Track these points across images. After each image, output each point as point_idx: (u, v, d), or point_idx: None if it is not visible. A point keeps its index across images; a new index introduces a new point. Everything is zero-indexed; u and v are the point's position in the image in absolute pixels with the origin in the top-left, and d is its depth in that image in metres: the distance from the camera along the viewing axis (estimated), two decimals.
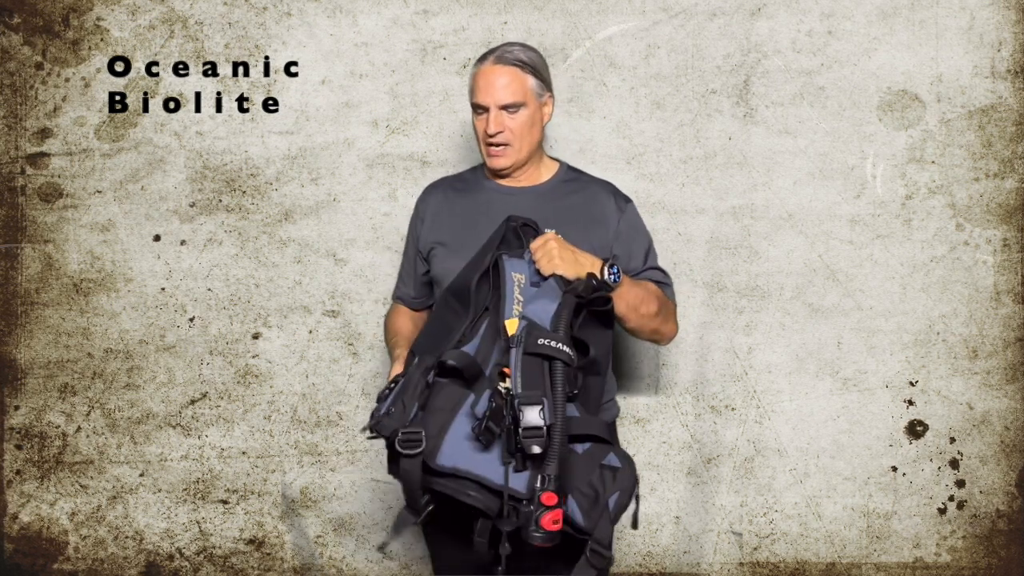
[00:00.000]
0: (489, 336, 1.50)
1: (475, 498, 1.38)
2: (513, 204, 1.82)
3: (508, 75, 1.76)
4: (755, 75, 2.41)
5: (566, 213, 1.82)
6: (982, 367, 2.42)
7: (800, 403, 2.43)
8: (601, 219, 1.83)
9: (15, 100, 2.40)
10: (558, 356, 1.41)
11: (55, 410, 2.42)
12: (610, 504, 1.43)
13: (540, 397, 1.36)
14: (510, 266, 1.55)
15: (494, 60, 1.77)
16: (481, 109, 1.78)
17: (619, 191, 1.90)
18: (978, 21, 2.41)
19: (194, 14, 2.41)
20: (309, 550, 2.44)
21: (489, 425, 1.35)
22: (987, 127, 2.41)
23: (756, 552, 2.44)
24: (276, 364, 2.43)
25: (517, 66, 1.77)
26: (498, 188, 1.86)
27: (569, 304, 1.48)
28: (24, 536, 2.43)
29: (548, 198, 1.84)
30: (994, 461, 2.42)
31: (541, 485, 1.35)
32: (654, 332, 1.79)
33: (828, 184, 2.42)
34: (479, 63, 1.80)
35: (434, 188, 1.95)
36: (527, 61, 1.79)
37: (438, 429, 1.39)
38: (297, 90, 2.42)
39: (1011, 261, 2.41)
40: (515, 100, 1.76)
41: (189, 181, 2.42)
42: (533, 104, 1.79)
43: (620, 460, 1.48)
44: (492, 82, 1.76)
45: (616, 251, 1.82)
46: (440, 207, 1.89)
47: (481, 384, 1.44)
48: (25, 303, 2.42)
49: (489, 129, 1.77)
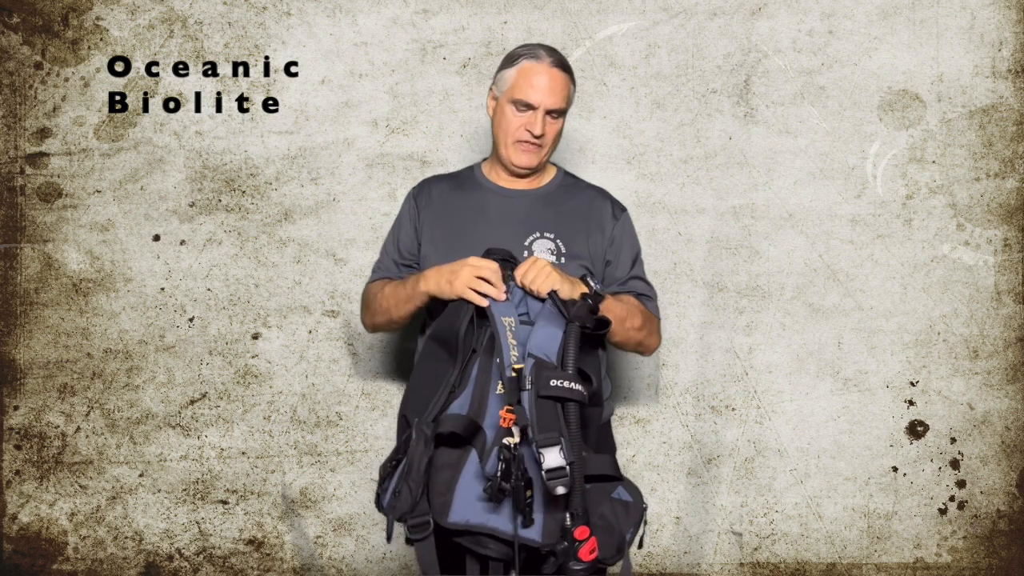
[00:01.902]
0: (482, 381, 1.50)
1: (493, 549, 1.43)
2: (513, 205, 1.82)
3: (562, 81, 1.76)
4: (756, 75, 2.41)
5: (564, 217, 1.82)
6: (983, 367, 2.42)
7: (801, 403, 2.43)
8: (598, 225, 1.83)
9: (14, 100, 2.40)
10: (572, 397, 1.41)
11: (54, 410, 2.42)
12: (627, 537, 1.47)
13: (558, 437, 1.37)
14: (498, 310, 1.53)
15: (552, 62, 1.75)
16: (526, 107, 1.74)
17: (615, 199, 1.90)
18: (979, 21, 2.40)
19: (193, 14, 2.41)
20: (309, 550, 2.44)
21: (501, 485, 1.36)
22: (988, 127, 2.41)
23: (756, 552, 2.43)
24: (276, 364, 2.43)
25: (569, 75, 1.78)
26: (497, 188, 1.85)
27: (575, 335, 1.46)
28: (23, 536, 2.42)
29: (546, 202, 1.84)
30: (995, 461, 2.42)
31: (572, 522, 1.38)
32: (638, 345, 1.80)
33: (829, 184, 2.41)
34: (529, 59, 1.75)
35: (430, 182, 1.92)
36: (571, 69, 1.80)
37: (445, 486, 1.43)
38: (297, 90, 2.42)
39: (1012, 261, 2.41)
40: (562, 107, 1.77)
41: (189, 181, 2.42)
42: (566, 113, 1.81)
43: (630, 494, 1.51)
44: (548, 84, 1.73)
45: (608, 257, 1.83)
46: (439, 202, 1.86)
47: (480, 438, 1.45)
48: (24, 303, 2.41)
49: (535, 130, 1.74)
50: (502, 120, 1.78)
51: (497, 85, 1.80)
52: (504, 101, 1.77)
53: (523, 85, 1.74)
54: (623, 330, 1.72)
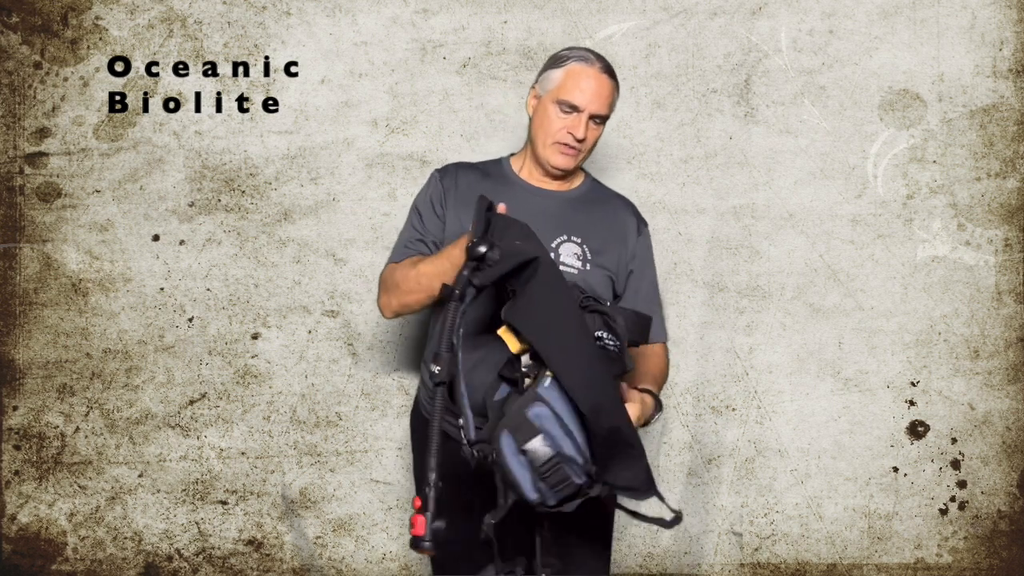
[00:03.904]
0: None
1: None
2: (542, 204, 1.80)
3: (610, 87, 1.76)
4: (756, 74, 2.41)
5: (592, 223, 1.82)
6: (984, 367, 2.41)
7: (801, 403, 2.43)
8: (622, 237, 1.84)
9: (13, 99, 2.40)
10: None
11: (53, 410, 2.41)
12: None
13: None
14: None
15: (602, 68, 1.75)
16: (572, 108, 1.73)
17: (639, 213, 1.92)
18: (979, 20, 2.40)
19: (193, 13, 2.41)
20: (308, 551, 2.44)
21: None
22: (989, 127, 2.40)
23: (757, 553, 2.43)
24: (275, 364, 2.43)
25: (616, 82, 1.78)
26: (527, 186, 1.83)
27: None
28: (23, 537, 2.42)
29: (575, 205, 1.83)
30: (995, 462, 2.42)
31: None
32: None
33: (829, 184, 2.41)
34: (579, 61, 1.74)
35: (457, 168, 1.86)
36: (618, 80, 1.80)
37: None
38: (296, 90, 2.41)
39: (1013, 261, 2.41)
40: (606, 113, 1.77)
41: (188, 181, 2.42)
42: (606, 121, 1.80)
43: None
44: (597, 89, 1.73)
45: (631, 267, 1.84)
46: (465, 189, 1.80)
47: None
48: (23, 303, 2.41)
49: (578, 133, 1.73)
50: (544, 120, 1.76)
51: (541, 84, 1.78)
52: (548, 101, 1.75)
53: (570, 87, 1.72)
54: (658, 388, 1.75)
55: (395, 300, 1.74)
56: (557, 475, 1.30)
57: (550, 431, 1.30)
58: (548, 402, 1.31)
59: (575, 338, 1.34)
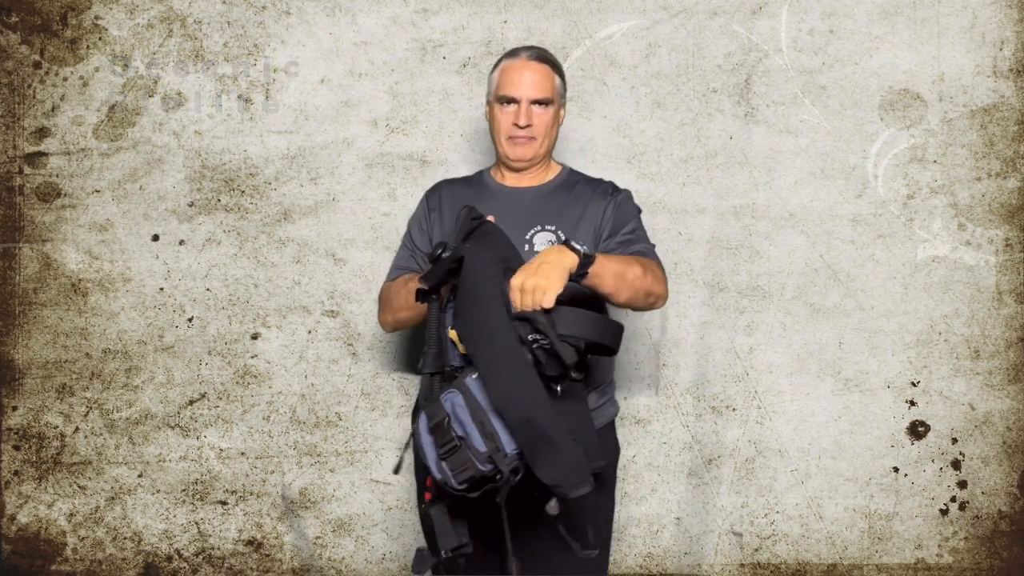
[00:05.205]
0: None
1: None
2: (516, 202, 1.86)
3: (541, 72, 1.83)
4: (756, 74, 2.41)
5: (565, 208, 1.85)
6: (984, 367, 2.41)
7: (801, 404, 2.42)
8: (596, 207, 1.85)
9: (13, 99, 2.40)
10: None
11: (53, 411, 2.41)
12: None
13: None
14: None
15: (528, 56, 1.84)
16: (510, 101, 1.82)
17: (615, 185, 1.92)
18: (980, 20, 2.40)
19: (192, 13, 2.41)
20: (308, 551, 2.43)
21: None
22: (989, 126, 2.40)
23: (757, 553, 2.43)
24: (275, 364, 2.42)
25: (548, 64, 1.85)
26: (503, 189, 1.90)
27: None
28: (22, 537, 2.42)
29: (549, 197, 1.88)
30: (996, 462, 2.42)
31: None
32: (648, 295, 1.69)
33: (829, 184, 2.41)
34: (508, 58, 1.85)
35: (442, 185, 1.98)
36: (555, 62, 1.88)
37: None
38: (296, 89, 2.41)
39: (1013, 261, 2.40)
40: (546, 96, 1.83)
41: (188, 181, 2.41)
42: (556, 103, 1.86)
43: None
44: (526, 77, 1.82)
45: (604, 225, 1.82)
46: (448, 202, 1.91)
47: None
48: (23, 303, 2.41)
49: (520, 121, 1.81)
50: (494, 120, 1.88)
51: (488, 91, 1.90)
52: (493, 103, 1.88)
53: (504, 82, 1.83)
54: (626, 283, 1.62)
55: (390, 317, 1.87)
56: (458, 458, 1.39)
57: (459, 417, 1.40)
58: (469, 391, 1.41)
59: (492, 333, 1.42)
